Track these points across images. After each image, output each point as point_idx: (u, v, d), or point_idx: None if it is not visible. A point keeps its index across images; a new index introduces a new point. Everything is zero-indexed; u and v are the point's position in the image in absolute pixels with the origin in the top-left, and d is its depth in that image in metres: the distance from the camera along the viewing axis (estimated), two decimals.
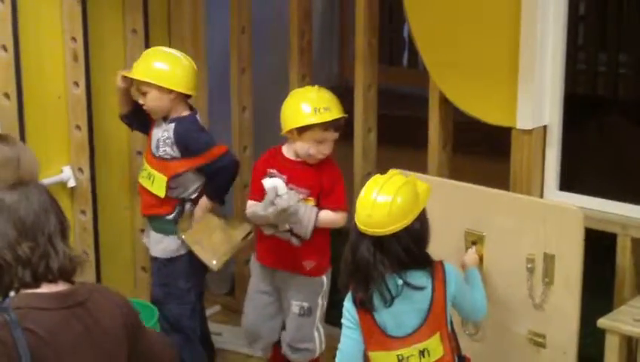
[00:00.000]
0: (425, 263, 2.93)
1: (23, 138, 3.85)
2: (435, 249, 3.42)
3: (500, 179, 3.59)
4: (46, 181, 3.92)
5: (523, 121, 3.42)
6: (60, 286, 2.23)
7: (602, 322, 3.11)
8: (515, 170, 3.51)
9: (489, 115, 3.50)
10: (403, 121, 5.02)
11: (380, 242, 2.83)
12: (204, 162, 3.74)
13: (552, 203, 3.34)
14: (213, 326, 4.52)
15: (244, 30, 4.46)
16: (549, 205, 3.27)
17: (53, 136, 4.03)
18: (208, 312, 4.70)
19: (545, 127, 3.48)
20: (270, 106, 5.10)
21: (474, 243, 3.36)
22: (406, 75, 5.65)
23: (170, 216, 3.78)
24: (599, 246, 3.34)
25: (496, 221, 3.31)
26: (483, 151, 4.83)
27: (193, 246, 3.78)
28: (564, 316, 3.15)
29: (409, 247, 2.86)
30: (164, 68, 3.72)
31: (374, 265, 2.82)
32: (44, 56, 3.95)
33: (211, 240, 3.81)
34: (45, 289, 2.21)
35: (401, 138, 4.76)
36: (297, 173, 3.65)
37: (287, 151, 3.72)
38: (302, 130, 3.60)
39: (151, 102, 3.72)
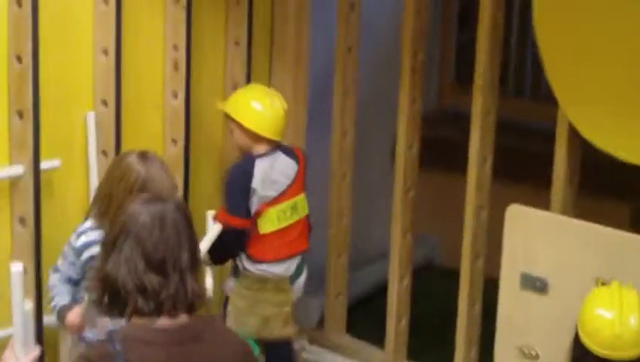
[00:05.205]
0: None
1: (118, 149, 3.64)
2: (561, 298, 3.14)
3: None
4: None
5: None
6: (177, 319, 2.08)
7: None
8: None
9: (632, 153, 3.18)
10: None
11: None
12: (217, 217, 3.62)
13: None
14: None
15: (350, 50, 4.22)
16: None
17: (148, 148, 3.80)
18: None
19: None
20: (373, 132, 4.89)
21: None
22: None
23: None
24: None
25: (632, 269, 2.99)
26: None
27: None
28: None
29: None
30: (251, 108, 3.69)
31: None
32: (143, 62, 3.75)
33: None
34: (159, 321, 2.07)
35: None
36: None
37: None
38: None
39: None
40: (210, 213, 3.62)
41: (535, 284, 3.24)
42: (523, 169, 4.79)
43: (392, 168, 5.23)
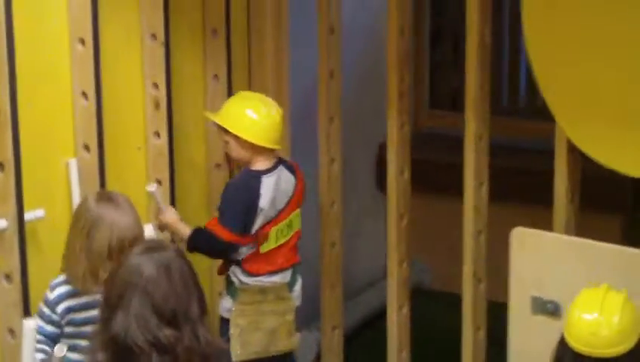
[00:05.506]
0: None
1: None
2: None
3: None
4: None
5: None
6: None
7: None
8: None
9: (632, 167, 3.11)
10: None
11: None
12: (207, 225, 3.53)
13: None
14: None
15: (332, 74, 4.11)
16: None
17: (132, 192, 3.64)
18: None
19: None
20: (359, 158, 4.78)
21: None
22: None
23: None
24: None
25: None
26: None
27: None
28: None
29: None
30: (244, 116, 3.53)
31: None
32: (124, 103, 3.60)
33: None
34: None
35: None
36: None
37: None
38: None
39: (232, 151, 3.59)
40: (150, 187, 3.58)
41: (546, 307, 3.16)
42: (509, 188, 4.72)
43: (377, 191, 5.15)
